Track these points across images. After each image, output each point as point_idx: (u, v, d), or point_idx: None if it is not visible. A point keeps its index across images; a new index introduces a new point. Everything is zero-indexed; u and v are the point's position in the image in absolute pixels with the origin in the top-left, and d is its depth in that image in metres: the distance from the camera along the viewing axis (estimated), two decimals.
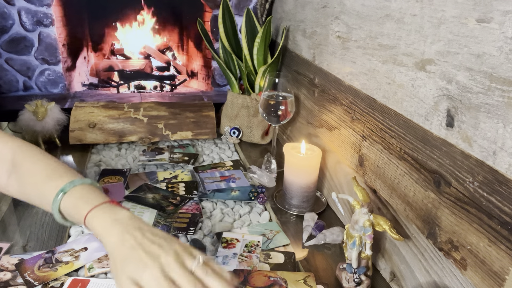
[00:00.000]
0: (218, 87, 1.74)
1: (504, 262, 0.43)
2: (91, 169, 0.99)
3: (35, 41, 1.48)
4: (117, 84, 1.75)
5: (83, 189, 0.56)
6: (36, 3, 1.43)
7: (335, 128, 0.85)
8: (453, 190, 0.50)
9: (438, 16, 0.52)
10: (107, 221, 0.51)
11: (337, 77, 0.83)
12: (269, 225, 0.80)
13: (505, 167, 0.43)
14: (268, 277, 0.63)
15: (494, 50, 0.43)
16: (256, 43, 1.13)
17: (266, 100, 0.95)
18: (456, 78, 0.49)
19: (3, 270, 0.63)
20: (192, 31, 1.79)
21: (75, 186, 0.56)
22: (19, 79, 1.51)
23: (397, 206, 0.63)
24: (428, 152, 0.55)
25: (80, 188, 0.56)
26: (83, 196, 0.55)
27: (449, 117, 0.51)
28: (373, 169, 0.70)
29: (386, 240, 0.67)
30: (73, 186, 0.56)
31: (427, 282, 0.57)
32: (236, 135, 1.19)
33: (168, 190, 0.89)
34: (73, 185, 0.56)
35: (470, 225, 0.48)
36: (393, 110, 0.63)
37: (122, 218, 0.51)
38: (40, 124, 1.03)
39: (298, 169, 0.83)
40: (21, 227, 0.75)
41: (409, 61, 0.58)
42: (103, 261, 0.66)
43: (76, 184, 0.56)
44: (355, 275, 0.63)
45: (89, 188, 0.57)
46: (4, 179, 0.61)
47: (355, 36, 0.75)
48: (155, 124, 1.13)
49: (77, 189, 0.56)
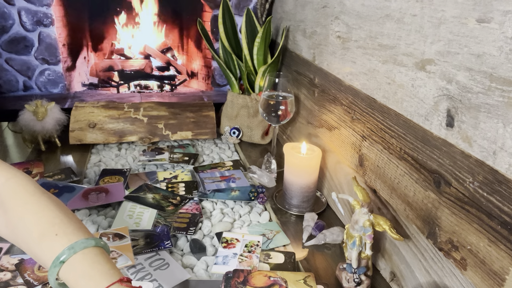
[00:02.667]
0: (218, 87, 1.74)
1: (504, 262, 0.43)
2: (91, 169, 0.99)
3: (35, 41, 1.48)
4: (117, 84, 1.75)
5: (86, 259, 0.44)
6: (36, 3, 1.43)
7: (335, 128, 0.85)
8: (453, 190, 0.50)
9: (438, 16, 0.52)
10: None
11: (337, 77, 0.83)
12: (269, 225, 0.80)
13: (505, 167, 0.43)
14: (268, 277, 0.63)
15: (494, 50, 0.43)
16: (256, 43, 1.13)
17: (266, 100, 0.95)
18: (456, 78, 0.49)
19: (3, 270, 0.63)
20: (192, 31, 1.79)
21: (76, 253, 0.44)
22: (19, 79, 1.51)
23: (397, 206, 0.63)
24: (428, 152, 0.55)
25: (82, 257, 0.44)
26: (86, 273, 0.43)
27: (449, 117, 0.51)
28: (373, 169, 0.70)
29: (386, 240, 0.67)
30: (73, 254, 0.44)
31: (427, 282, 0.57)
32: (236, 135, 1.19)
33: (168, 190, 0.89)
34: (74, 252, 0.44)
35: (470, 225, 0.48)
36: (393, 110, 0.63)
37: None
38: (40, 124, 1.03)
39: (298, 169, 0.83)
40: None
41: (409, 61, 0.58)
42: None
43: (77, 250, 0.44)
44: (355, 275, 0.63)
45: (94, 256, 0.45)
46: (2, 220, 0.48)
47: (355, 36, 0.75)
48: (155, 124, 1.13)
49: (78, 259, 0.44)
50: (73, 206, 0.81)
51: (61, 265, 0.43)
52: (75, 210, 0.80)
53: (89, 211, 0.81)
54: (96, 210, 0.81)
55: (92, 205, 0.81)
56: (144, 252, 0.68)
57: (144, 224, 0.76)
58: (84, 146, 1.10)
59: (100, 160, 1.04)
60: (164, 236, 0.72)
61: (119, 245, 0.70)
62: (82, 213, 0.79)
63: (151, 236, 0.73)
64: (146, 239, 0.72)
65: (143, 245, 0.70)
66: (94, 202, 0.82)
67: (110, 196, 0.85)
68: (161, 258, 0.67)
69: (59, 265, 0.43)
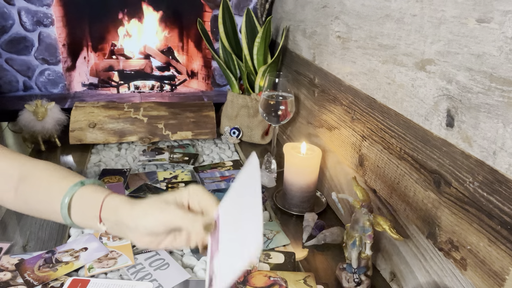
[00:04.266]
0: (218, 87, 1.74)
1: (504, 262, 0.43)
2: (91, 169, 0.99)
3: (35, 41, 1.48)
4: (117, 84, 1.75)
5: (93, 186, 0.57)
6: (36, 3, 1.44)
7: (335, 128, 0.85)
8: (453, 190, 0.50)
9: (438, 16, 0.52)
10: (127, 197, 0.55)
11: (337, 77, 0.83)
12: (269, 225, 0.80)
13: (505, 167, 0.43)
14: (268, 277, 0.63)
15: (494, 50, 0.43)
16: (256, 43, 1.13)
17: (266, 100, 0.95)
18: (456, 78, 0.49)
19: (3, 270, 0.63)
20: (192, 31, 1.79)
21: (84, 185, 0.57)
22: (19, 79, 1.51)
23: (397, 206, 0.63)
24: (428, 152, 0.55)
25: (90, 186, 0.57)
26: (96, 190, 0.57)
27: (449, 117, 0.51)
28: (373, 169, 0.70)
29: (386, 240, 0.67)
30: (81, 185, 0.57)
31: (427, 282, 0.57)
32: (236, 135, 1.19)
33: (168, 190, 0.89)
34: (82, 184, 0.57)
35: (470, 225, 0.48)
36: (393, 110, 0.63)
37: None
38: (40, 124, 1.03)
39: (298, 169, 0.83)
40: (21, 227, 0.75)
41: (409, 61, 0.58)
42: (103, 261, 0.66)
43: (85, 183, 0.57)
44: (355, 275, 0.63)
45: (97, 186, 0.58)
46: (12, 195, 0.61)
47: (355, 36, 0.75)
48: (155, 124, 1.13)
49: (87, 187, 0.57)
50: None
51: (76, 191, 0.55)
52: None
53: None
54: None
55: None
56: (144, 252, 0.68)
57: None
58: (84, 146, 1.10)
59: (100, 160, 1.04)
60: None
61: (119, 245, 0.70)
62: None
63: None
64: None
65: None
66: None
67: None
68: (161, 258, 0.67)
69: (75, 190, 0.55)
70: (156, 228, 0.52)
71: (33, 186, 0.60)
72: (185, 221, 0.51)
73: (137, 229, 0.53)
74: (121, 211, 0.54)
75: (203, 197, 0.53)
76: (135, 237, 0.55)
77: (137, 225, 0.53)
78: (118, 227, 0.55)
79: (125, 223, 0.54)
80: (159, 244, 0.56)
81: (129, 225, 0.54)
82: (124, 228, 0.54)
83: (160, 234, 0.54)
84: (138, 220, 0.53)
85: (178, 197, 0.54)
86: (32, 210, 0.62)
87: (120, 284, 0.61)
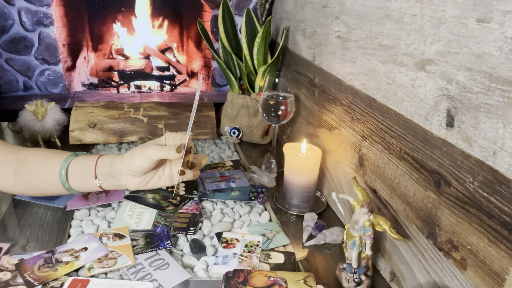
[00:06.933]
0: (218, 87, 1.74)
1: (504, 262, 0.43)
2: None
3: (35, 41, 1.48)
4: (117, 84, 1.75)
5: (86, 155, 0.74)
6: (36, 3, 1.44)
7: (335, 128, 0.85)
8: (453, 190, 0.50)
9: (438, 16, 0.52)
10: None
11: (337, 77, 0.84)
12: (269, 225, 0.80)
13: (505, 167, 0.43)
14: (268, 277, 0.63)
15: (494, 50, 0.43)
16: (256, 43, 1.13)
17: (266, 100, 0.95)
18: (456, 78, 0.49)
19: (3, 270, 0.63)
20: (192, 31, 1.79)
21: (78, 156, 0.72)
22: (19, 79, 1.51)
23: (397, 206, 0.63)
24: (428, 152, 0.55)
25: (83, 155, 0.73)
26: (89, 155, 0.73)
27: (449, 117, 0.51)
28: (373, 169, 0.70)
29: (386, 240, 0.67)
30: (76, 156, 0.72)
31: (427, 282, 0.57)
32: (236, 135, 1.19)
33: (168, 190, 0.89)
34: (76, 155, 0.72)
35: (470, 225, 0.48)
36: (393, 110, 0.63)
37: None
38: (40, 124, 1.03)
39: (298, 169, 0.83)
40: (21, 227, 0.75)
41: (409, 61, 0.58)
42: (103, 261, 0.66)
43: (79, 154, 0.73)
44: (355, 275, 0.63)
45: (90, 154, 0.74)
46: (12, 179, 0.71)
47: (355, 36, 0.75)
48: (155, 124, 1.13)
49: (81, 156, 0.73)
50: (73, 206, 0.81)
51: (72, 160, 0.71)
52: (75, 210, 0.80)
53: (89, 211, 0.81)
54: (96, 210, 0.81)
55: (92, 205, 0.82)
56: (144, 252, 0.68)
57: (144, 224, 0.76)
58: (84, 146, 1.10)
59: None
60: (164, 236, 0.72)
61: (119, 245, 0.70)
62: (82, 213, 0.79)
63: (151, 236, 0.73)
64: (146, 239, 0.72)
65: (143, 245, 0.70)
66: (94, 202, 0.82)
67: (110, 196, 0.85)
68: (161, 258, 0.67)
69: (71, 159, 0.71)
70: (142, 164, 0.67)
71: (31, 166, 0.71)
72: (162, 152, 0.66)
73: (128, 169, 0.67)
74: (114, 161, 0.69)
75: (175, 136, 0.70)
76: (127, 180, 0.70)
77: (127, 165, 0.67)
78: (112, 177, 0.70)
79: (118, 169, 0.68)
80: (147, 184, 0.71)
81: (121, 169, 0.68)
82: (117, 174, 0.69)
83: (148, 173, 0.70)
84: (128, 161, 0.67)
85: (157, 141, 0.70)
86: (32, 188, 0.73)
87: (120, 284, 0.61)
